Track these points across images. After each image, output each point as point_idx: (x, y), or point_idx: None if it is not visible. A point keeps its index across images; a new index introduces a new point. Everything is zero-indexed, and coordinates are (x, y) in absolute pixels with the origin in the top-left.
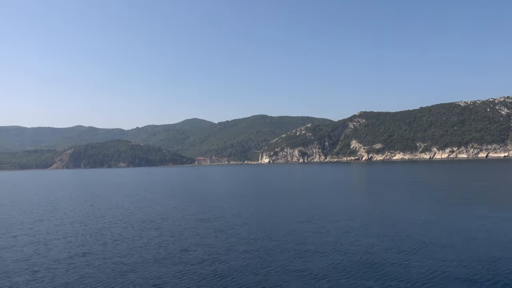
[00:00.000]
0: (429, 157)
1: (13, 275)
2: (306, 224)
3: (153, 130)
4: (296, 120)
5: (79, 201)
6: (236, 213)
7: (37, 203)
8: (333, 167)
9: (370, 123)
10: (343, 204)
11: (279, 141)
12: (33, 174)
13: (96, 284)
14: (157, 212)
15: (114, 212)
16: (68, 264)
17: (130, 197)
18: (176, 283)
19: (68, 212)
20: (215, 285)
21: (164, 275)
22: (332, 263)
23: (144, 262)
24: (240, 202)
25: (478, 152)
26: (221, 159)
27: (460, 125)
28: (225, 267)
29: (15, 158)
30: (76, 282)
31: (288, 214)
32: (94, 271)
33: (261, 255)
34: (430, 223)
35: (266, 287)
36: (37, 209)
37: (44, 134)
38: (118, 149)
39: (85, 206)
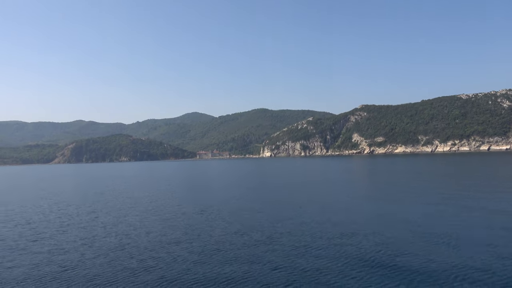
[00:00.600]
0: (431, 150)
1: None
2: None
3: (154, 124)
4: (296, 114)
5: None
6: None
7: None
8: (336, 160)
9: (371, 116)
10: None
11: (280, 134)
12: (40, 169)
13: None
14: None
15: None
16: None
17: (161, 189)
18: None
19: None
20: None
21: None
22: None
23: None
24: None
25: (480, 145)
26: (222, 153)
27: (462, 118)
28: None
29: (17, 153)
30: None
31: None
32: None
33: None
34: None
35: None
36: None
37: (44, 129)
38: (120, 143)
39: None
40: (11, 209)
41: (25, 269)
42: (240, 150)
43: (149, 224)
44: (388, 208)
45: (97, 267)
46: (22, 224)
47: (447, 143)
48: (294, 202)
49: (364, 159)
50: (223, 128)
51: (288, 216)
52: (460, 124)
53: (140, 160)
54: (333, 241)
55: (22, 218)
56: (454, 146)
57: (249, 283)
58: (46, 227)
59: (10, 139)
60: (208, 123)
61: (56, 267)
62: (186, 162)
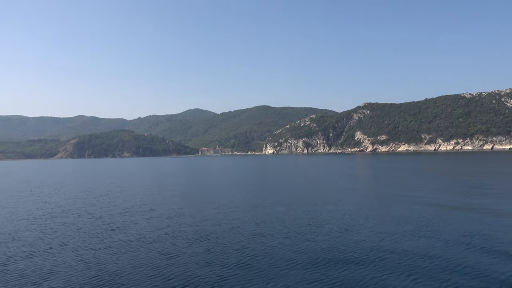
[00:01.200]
0: (434, 149)
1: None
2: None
3: (155, 120)
4: (299, 111)
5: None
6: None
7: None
8: (339, 158)
9: (374, 115)
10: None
11: (283, 132)
12: (48, 164)
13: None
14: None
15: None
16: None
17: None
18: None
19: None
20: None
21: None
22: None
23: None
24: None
25: (483, 144)
26: (224, 150)
27: (466, 117)
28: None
29: (19, 148)
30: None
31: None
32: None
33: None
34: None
35: None
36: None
37: (46, 124)
38: (122, 139)
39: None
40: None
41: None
42: (242, 147)
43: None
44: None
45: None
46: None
47: (451, 142)
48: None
49: (368, 157)
50: (225, 125)
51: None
52: (464, 123)
53: (143, 156)
54: None
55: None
56: (457, 145)
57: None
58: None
59: (13, 134)
60: (210, 119)
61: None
62: (189, 158)
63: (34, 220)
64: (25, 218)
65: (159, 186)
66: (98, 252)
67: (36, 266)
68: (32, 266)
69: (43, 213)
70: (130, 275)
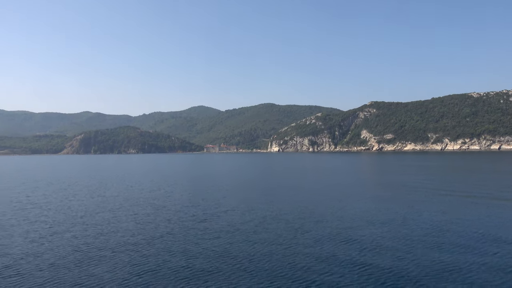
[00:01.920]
0: (440, 148)
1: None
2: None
3: (160, 117)
4: (304, 109)
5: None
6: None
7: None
8: (350, 157)
9: (381, 113)
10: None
11: (288, 130)
12: (61, 160)
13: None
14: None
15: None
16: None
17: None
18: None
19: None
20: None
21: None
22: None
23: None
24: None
25: (490, 144)
26: (229, 147)
27: (473, 117)
28: None
29: (26, 143)
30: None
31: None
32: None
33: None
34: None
35: None
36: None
37: (52, 120)
38: (128, 135)
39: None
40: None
41: None
42: (247, 145)
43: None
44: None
45: None
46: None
47: (457, 142)
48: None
49: (379, 156)
50: (229, 122)
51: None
52: (471, 122)
53: (148, 152)
54: None
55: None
56: (464, 144)
57: None
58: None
59: (19, 129)
60: (214, 117)
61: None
62: (196, 155)
63: (122, 211)
64: (116, 208)
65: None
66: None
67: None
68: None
69: (122, 206)
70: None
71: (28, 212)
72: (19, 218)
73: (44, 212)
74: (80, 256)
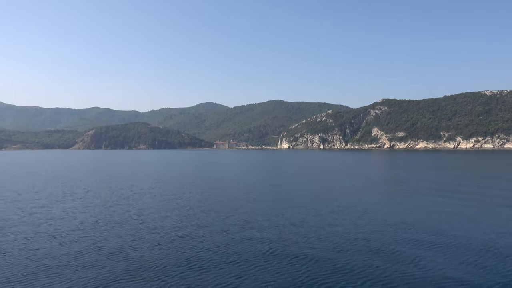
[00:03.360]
0: (453, 147)
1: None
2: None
3: (169, 113)
4: (313, 106)
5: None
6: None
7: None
8: (363, 155)
9: (392, 111)
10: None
11: (298, 127)
12: (79, 155)
13: None
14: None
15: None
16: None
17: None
18: None
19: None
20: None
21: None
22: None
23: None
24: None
25: (504, 142)
26: (239, 144)
27: (486, 115)
28: None
29: (38, 138)
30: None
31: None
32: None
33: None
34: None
35: None
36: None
37: (62, 115)
38: (139, 131)
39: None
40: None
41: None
42: (256, 141)
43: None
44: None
45: None
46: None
47: (470, 140)
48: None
49: (395, 154)
50: (238, 119)
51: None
52: (484, 121)
53: (158, 148)
54: None
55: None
56: (477, 143)
57: None
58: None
59: (30, 124)
60: (223, 113)
61: None
62: (206, 152)
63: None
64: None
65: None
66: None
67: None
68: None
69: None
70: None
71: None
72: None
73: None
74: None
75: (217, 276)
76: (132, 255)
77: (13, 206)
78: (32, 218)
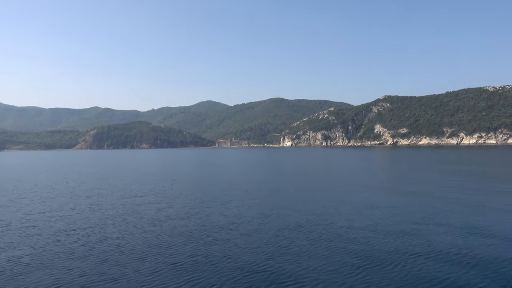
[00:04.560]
0: (456, 143)
1: None
2: None
3: (169, 112)
4: (313, 104)
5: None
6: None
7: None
8: (368, 152)
9: (394, 108)
10: None
11: (301, 124)
12: (80, 155)
13: None
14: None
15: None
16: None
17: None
18: None
19: None
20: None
21: None
22: None
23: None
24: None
25: (507, 138)
26: (241, 142)
27: (489, 111)
28: None
29: (40, 138)
30: None
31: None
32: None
33: None
34: None
35: None
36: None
37: (62, 115)
38: (140, 130)
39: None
40: None
41: None
42: (258, 139)
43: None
44: None
45: None
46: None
47: (473, 136)
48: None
49: (403, 150)
50: (239, 117)
51: None
52: (487, 116)
53: (161, 147)
54: None
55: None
56: (480, 138)
57: None
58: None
59: (30, 124)
60: (223, 111)
61: None
62: (210, 150)
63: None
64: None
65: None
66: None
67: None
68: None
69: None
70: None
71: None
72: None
73: None
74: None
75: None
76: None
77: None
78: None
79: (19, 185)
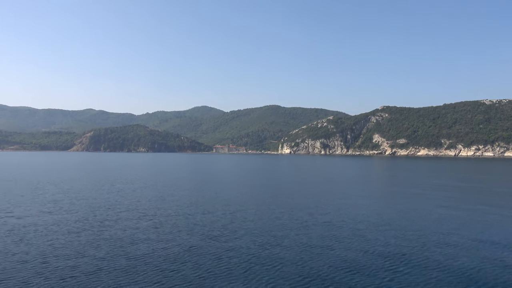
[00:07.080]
0: (454, 154)
1: None
2: None
3: (164, 116)
4: (309, 112)
5: None
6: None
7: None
8: (368, 162)
9: (393, 118)
10: None
11: (299, 132)
12: (80, 157)
13: None
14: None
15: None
16: None
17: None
18: None
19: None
20: None
21: None
22: None
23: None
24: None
25: (504, 151)
26: (239, 148)
27: (486, 123)
28: None
29: (35, 139)
30: None
31: None
32: None
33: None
34: None
35: None
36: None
37: (55, 116)
38: (138, 133)
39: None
40: None
41: None
42: (255, 146)
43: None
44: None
45: None
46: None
47: (471, 148)
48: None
49: (406, 161)
50: (235, 123)
51: None
52: (484, 129)
53: (158, 151)
54: None
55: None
56: (478, 151)
57: None
58: None
59: (23, 125)
60: (219, 117)
61: None
62: (209, 156)
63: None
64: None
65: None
66: None
67: None
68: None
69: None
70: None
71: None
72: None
73: None
74: None
75: None
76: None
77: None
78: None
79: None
